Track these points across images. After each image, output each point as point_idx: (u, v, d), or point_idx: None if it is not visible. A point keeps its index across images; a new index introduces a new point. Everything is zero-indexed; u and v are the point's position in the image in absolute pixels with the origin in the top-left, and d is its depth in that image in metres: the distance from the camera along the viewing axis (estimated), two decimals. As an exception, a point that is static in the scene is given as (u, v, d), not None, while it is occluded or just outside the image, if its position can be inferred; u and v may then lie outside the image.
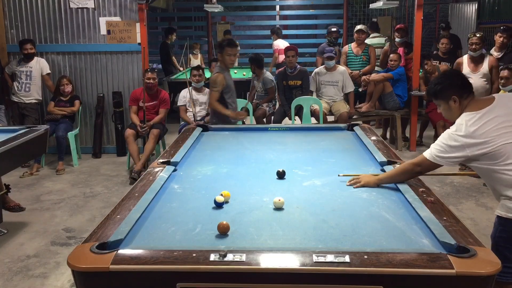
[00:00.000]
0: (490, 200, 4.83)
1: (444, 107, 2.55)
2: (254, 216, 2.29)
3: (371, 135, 3.83)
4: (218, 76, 4.73)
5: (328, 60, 6.41)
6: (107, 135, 6.71)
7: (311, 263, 1.76)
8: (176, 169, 3.03)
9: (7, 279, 3.39)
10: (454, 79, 2.55)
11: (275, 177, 2.87)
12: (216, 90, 4.75)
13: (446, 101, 2.52)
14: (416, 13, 6.44)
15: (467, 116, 2.40)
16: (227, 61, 4.78)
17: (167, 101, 6.00)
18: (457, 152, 2.38)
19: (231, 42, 4.84)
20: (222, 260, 1.77)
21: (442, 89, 2.53)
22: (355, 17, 12.27)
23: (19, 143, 3.89)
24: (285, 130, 4.32)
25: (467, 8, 10.36)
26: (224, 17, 13.08)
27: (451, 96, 2.48)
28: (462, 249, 1.84)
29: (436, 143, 2.48)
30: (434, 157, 2.45)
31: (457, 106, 2.49)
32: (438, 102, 2.59)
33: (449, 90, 2.50)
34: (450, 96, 2.49)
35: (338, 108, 6.42)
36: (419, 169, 2.56)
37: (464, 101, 2.48)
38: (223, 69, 4.79)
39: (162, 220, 2.25)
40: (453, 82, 2.52)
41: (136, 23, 6.30)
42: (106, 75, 6.54)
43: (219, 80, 4.72)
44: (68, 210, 4.69)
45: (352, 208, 2.38)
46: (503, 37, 5.90)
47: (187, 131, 4.08)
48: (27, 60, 6.07)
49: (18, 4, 6.38)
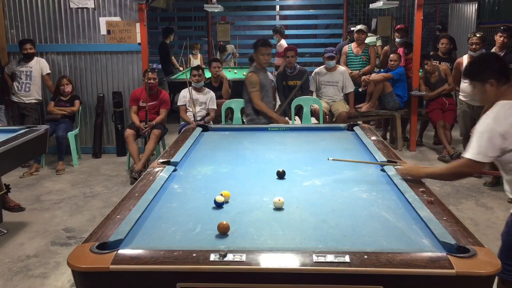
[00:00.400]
0: (490, 200, 4.84)
1: (479, 90, 2.45)
2: (254, 216, 2.29)
3: (371, 135, 3.83)
4: (252, 76, 4.80)
5: (329, 60, 6.40)
6: (107, 135, 6.71)
7: (311, 263, 1.76)
8: (176, 169, 3.03)
9: (7, 279, 3.39)
10: (493, 62, 2.45)
11: (275, 177, 2.87)
12: (256, 90, 4.82)
13: (483, 84, 2.41)
14: (416, 13, 6.45)
15: (504, 106, 2.32)
16: (261, 61, 4.84)
17: (168, 101, 6.00)
18: (497, 145, 2.29)
19: (265, 42, 4.91)
20: (222, 260, 1.77)
21: (480, 71, 2.42)
22: (355, 17, 12.27)
23: (19, 143, 3.88)
24: (285, 130, 4.32)
25: (467, 8, 10.36)
26: (224, 17, 13.07)
27: (488, 79, 2.38)
28: (462, 249, 1.84)
29: (474, 141, 2.36)
30: (477, 156, 2.33)
31: (493, 90, 2.39)
32: (473, 84, 2.48)
33: (487, 72, 2.40)
34: (487, 79, 2.39)
35: (338, 108, 6.42)
36: (467, 170, 2.44)
37: (501, 86, 2.38)
38: (257, 69, 4.85)
39: (162, 220, 2.25)
40: (492, 65, 2.42)
41: (136, 23, 6.30)
42: (106, 75, 6.54)
43: (254, 80, 4.77)
44: (68, 210, 4.69)
45: (352, 208, 2.38)
46: (503, 37, 5.89)
47: (187, 131, 4.08)
48: (27, 60, 6.07)
49: (18, 4, 6.38)
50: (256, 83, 4.81)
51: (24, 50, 6.01)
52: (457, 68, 5.97)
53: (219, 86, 6.66)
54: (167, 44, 9.70)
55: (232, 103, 6.25)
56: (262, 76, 4.87)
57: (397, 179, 2.70)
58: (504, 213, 4.50)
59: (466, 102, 5.88)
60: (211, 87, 6.37)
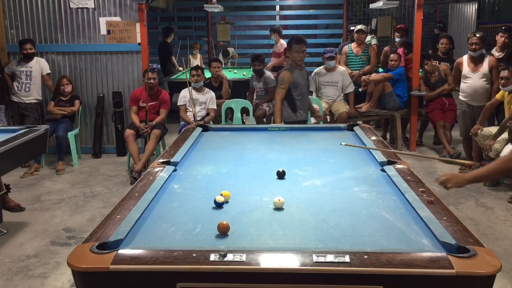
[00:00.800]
0: (490, 200, 4.84)
1: None
2: (254, 216, 2.28)
3: (371, 135, 3.83)
4: (285, 74, 4.79)
5: (329, 60, 6.40)
6: (107, 135, 6.71)
7: (311, 263, 1.76)
8: (176, 169, 3.03)
9: (7, 279, 3.39)
10: None
11: (275, 177, 2.87)
12: (283, 87, 4.78)
13: None
14: (416, 13, 6.44)
15: None
16: (296, 58, 4.81)
17: (168, 102, 6.00)
18: None
19: (299, 39, 4.86)
20: (222, 260, 1.77)
21: None
22: (355, 17, 12.27)
23: (19, 143, 3.88)
24: (285, 130, 4.32)
25: (467, 8, 10.36)
26: (224, 17, 13.07)
27: None
28: (462, 249, 1.84)
29: None
30: None
31: None
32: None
33: None
34: None
35: (338, 108, 6.42)
36: None
37: None
38: (292, 67, 4.82)
39: (162, 220, 2.25)
40: None
41: (136, 23, 6.30)
42: (106, 75, 6.54)
43: (286, 78, 4.76)
44: (68, 210, 4.69)
45: (352, 208, 2.38)
46: (504, 37, 5.90)
47: (187, 131, 4.08)
48: (27, 60, 6.07)
49: (18, 4, 6.38)
50: (286, 81, 4.75)
51: (24, 50, 6.01)
52: (457, 68, 5.97)
53: (219, 86, 6.66)
54: (169, 43, 9.69)
55: (232, 103, 6.26)
56: (296, 75, 4.81)
57: (397, 179, 2.70)
58: (504, 213, 4.50)
59: (466, 102, 5.88)
60: (211, 87, 6.37)
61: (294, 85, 4.80)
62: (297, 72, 4.83)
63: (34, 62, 6.11)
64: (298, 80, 4.83)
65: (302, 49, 4.79)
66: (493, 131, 5.05)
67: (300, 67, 4.89)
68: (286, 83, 4.76)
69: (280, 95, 4.80)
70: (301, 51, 4.79)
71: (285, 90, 4.77)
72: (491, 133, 5.08)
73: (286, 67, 4.87)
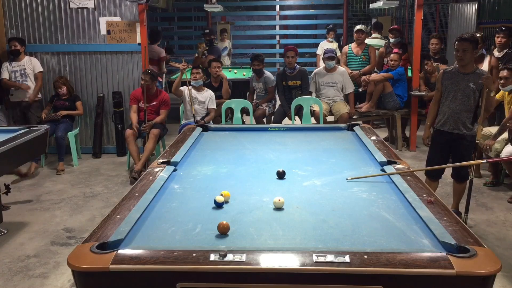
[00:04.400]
0: (490, 200, 4.84)
1: None
2: (254, 216, 2.29)
3: (371, 135, 3.83)
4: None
5: (329, 60, 6.39)
6: (107, 135, 6.70)
7: (311, 263, 1.76)
8: (176, 169, 3.03)
9: (7, 279, 3.39)
10: None
11: (275, 177, 2.87)
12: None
13: None
14: (416, 13, 6.44)
15: None
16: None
17: (168, 102, 5.99)
18: None
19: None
20: (222, 260, 1.77)
21: None
22: (355, 17, 12.28)
23: (19, 143, 3.89)
24: (285, 130, 4.32)
25: (467, 8, 10.35)
26: (224, 17, 13.08)
27: None
28: (462, 249, 1.84)
29: None
30: None
31: None
32: None
33: None
34: None
35: (339, 108, 6.41)
36: None
37: None
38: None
39: (162, 220, 2.25)
40: None
41: (136, 23, 6.30)
42: (106, 75, 6.54)
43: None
44: (68, 210, 4.69)
45: (352, 208, 2.38)
46: (500, 37, 5.90)
47: (187, 131, 4.09)
48: (16, 58, 6.08)
49: (18, 4, 6.38)
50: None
51: (11, 47, 6.03)
52: (457, 68, 5.96)
53: (219, 86, 6.65)
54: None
55: (232, 103, 6.25)
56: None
57: (397, 179, 2.70)
58: (504, 213, 4.50)
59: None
60: (211, 87, 6.37)
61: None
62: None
63: (26, 60, 6.14)
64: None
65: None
66: (493, 131, 5.05)
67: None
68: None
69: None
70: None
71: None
72: (491, 133, 5.08)
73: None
